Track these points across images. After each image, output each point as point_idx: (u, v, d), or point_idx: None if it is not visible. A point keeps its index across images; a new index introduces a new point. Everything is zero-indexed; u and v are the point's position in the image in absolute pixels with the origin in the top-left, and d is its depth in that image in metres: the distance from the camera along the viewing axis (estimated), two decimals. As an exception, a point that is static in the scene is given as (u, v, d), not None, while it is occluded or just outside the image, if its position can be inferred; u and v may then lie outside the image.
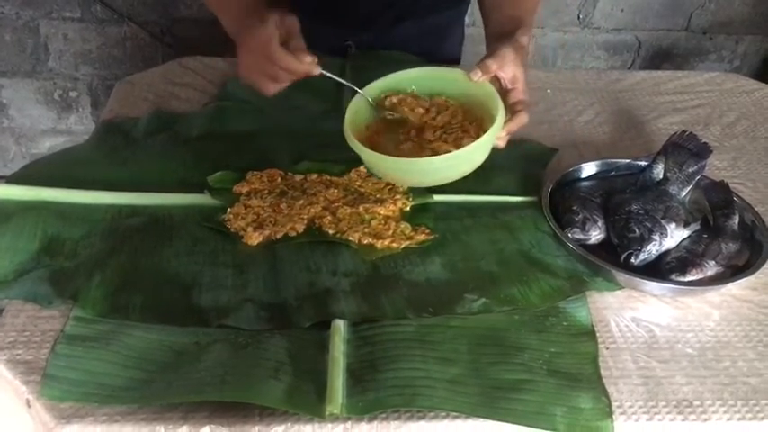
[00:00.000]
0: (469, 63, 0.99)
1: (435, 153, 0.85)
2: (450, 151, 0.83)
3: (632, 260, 0.78)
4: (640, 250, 0.78)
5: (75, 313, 0.72)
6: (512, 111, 0.85)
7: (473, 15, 1.75)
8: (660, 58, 2.10)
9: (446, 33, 1.30)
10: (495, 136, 0.82)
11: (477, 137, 0.84)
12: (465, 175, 0.85)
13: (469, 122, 0.89)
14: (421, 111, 0.90)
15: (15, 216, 0.82)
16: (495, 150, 1.01)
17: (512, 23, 0.92)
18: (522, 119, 0.85)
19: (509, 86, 0.86)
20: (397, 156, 0.84)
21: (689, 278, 0.77)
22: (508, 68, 0.84)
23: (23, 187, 0.86)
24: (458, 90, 0.90)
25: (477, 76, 0.85)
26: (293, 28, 0.86)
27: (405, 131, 0.89)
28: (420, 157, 0.84)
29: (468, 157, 0.82)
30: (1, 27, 1.93)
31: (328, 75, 0.88)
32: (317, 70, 0.87)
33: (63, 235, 0.81)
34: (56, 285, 0.74)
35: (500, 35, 0.90)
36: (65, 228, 0.82)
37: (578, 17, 2.00)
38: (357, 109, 0.88)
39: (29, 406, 0.64)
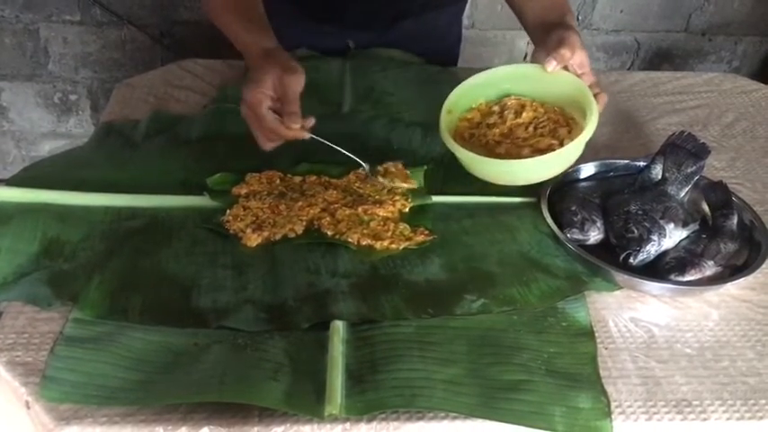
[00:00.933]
0: (468, 63, 0.98)
1: (537, 149, 0.84)
2: (554, 144, 0.84)
3: (631, 260, 0.78)
4: (639, 250, 0.79)
5: (74, 315, 0.71)
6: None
7: (472, 17, 1.75)
8: (659, 59, 2.10)
9: (444, 32, 1.30)
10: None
11: (569, 126, 0.86)
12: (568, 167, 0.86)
13: (553, 114, 0.89)
14: (492, 121, 0.90)
15: (15, 218, 0.82)
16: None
17: (555, 9, 0.94)
18: (603, 99, 0.87)
19: (578, 71, 0.87)
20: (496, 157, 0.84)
21: (688, 278, 0.77)
22: (576, 54, 0.85)
23: (23, 189, 0.86)
24: (527, 85, 0.90)
25: (552, 65, 0.85)
26: (291, 88, 0.84)
27: (492, 138, 0.88)
28: (520, 155, 0.84)
29: (579, 144, 0.82)
30: (1, 30, 1.93)
31: (319, 139, 0.87)
32: (306, 136, 0.86)
33: (62, 237, 0.81)
34: (55, 287, 0.74)
35: (547, 23, 0.91)
36: (64, 230, 0.82)
37: (577, 18, 2.00)
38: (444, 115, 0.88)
39: (28, 407, 0.64)
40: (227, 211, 0.86)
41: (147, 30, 1.96)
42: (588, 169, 0.94)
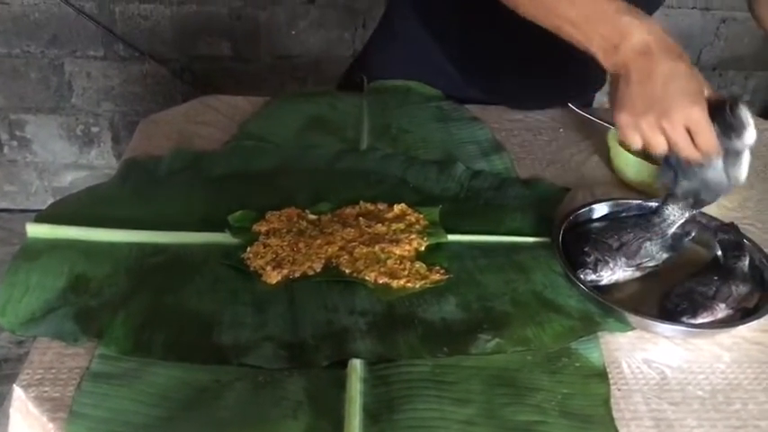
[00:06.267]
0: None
1: None
2: None
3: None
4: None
5: (99, 351, 0.73)
6: None
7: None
8: (671, 94, 2.12)
9: None
10: None
11: None
12: None
13: None
14: None
15: (43, 254, 0.84)
16: (507, 190, 1.03)
17: None
18: None
19: None
20: None
21: (699, 320, 0.78)
22: None
23: (52, 226, 0.88)
24: None
25: None
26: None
27: None
28: None
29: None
30: (27, 66, 1.98)
31: None
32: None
33: (88, 273, 0.83)
34: (81, 323, 0.76)
35: None
36: (90, 266, 0.84)
37: (590, 55, 2.02)
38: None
39: (55, 443, 0.66)
40: (248, 248, 0.87)
41: (168, 64, 2.00)
42: (601, 209, 0.95)
